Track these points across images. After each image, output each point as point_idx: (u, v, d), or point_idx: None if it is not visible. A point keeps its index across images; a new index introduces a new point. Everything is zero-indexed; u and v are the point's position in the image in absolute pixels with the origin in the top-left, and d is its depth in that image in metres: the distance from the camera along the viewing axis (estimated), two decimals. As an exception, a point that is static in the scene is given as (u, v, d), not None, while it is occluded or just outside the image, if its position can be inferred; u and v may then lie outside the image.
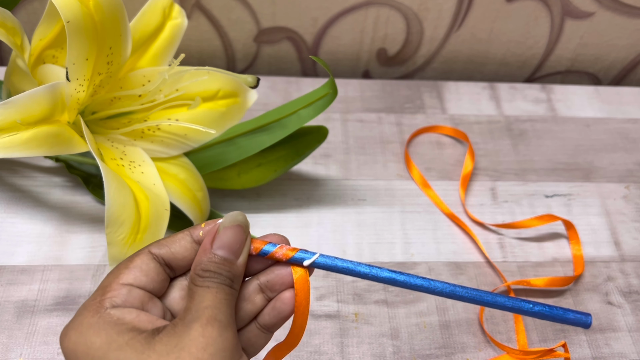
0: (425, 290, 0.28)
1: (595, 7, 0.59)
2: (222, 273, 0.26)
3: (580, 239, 0.48)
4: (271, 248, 0.28)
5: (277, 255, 0.28)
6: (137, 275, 0.27)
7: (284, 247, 0.28)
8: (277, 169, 0.45)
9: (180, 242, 0.28)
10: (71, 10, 0.34)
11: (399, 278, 0.28)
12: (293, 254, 0.28)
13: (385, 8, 0.58)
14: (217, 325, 0.25)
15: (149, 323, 0.26)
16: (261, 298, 0.29)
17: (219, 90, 0.44)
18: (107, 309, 0.26)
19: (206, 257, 0.27)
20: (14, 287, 0.42)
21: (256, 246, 0.28)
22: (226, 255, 0.27)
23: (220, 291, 0.26)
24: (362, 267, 0.28)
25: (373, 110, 0.57)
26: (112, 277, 0.27)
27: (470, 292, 0.28)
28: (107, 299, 0.26)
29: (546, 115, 0.58)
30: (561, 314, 0.28)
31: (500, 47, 0.63)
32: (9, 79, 0.41)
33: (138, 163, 0.42)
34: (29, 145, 0.34)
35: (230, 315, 0.26)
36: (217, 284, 0.26)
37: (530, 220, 0.48)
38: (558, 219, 0.47)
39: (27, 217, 0.46)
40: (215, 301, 0.26)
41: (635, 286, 0.46)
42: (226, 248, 0.27)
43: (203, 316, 0.25)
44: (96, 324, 0.25)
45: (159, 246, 0.28)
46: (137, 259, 0.27)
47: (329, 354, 0.40)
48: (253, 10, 0.58)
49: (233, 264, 0.27)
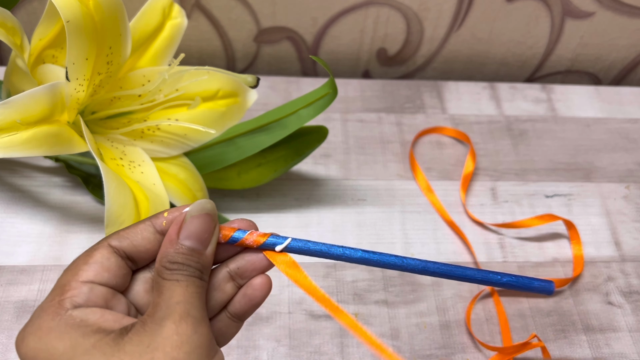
0: (398, 268, 0.28)
1: (595, 7, 0.59)
2: (190, 264, 0.25)
3: (581, 239, 0.47)
4: (241, 235, 0.27)
5: (247, 242, 0.27)
6: (97, 272, 0.25)
7: (254, 234, 0.27)
8: (277, 169, 0.45)
9: (142, 233, 0.26)
10: (71, 10, 0.34)
11: (372, 257, 0.28)
12: (264, 239, 0.27)
13: (386, 8, 0.58)
14: (191, 321, 0.24)
15: (115, 322, 0.24)
16: (231, 286, 0.27)
17: (218, 90, 0.44)
18: (68, 310, 0.24)
19: (173, 248, 0.25)
20: (14, 287, 0.42)
21: (225, 233, 0.27)
22: (194, 245, 0.25)
23: (190, 284, 0.25)
24: (335, 248, 0.28)
25: (373, 110, 0.57)
26: (71, 275, 0.25)
27: (441, 267, 0.29)
28: (66, 298, 0.24)
29: (546, 115, 0.58)
30: (527, 283, 0.30)
31: (501, 47, 0.63)
32: (8, 78, 0.41)
33: (138, 163, 0.42)
34: (28, 145, 0.34)
35: (203, 309, 0.25)
36: (187, 277, 0.25)
37: (530, 219, 0.48)
38: (558, 218, 0.47)
39: (27, 217, 0.46)
40: (186, 295, 0.24)
41: (636, 286, 0.46)
42: (194, 238, 0.25)
43: (175, 312, 0.24)
44: (57, 327, 0.23)
45: (119, 238, 0.26)
46: (96, 254, 0.25)
47: (329, 354, 0.40)
48: (253, 10, 0.58)
49: (202, 254, 0.25)
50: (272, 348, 0.40)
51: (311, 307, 0.43)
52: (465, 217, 0.49)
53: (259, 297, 0.27)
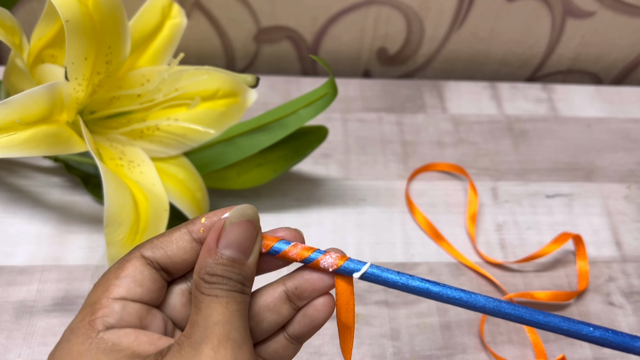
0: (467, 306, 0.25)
1: (596, 7, 0.59)
2: (231, 277, 0.23)
3: (587, 255, 0.46)
4: (283, 246, 0.24)
5: (290, 254, 0.24)
6: (130, 287, 0.23)
7: (298, 246, 0.25)
8: (277, 169, 0.45)
9: (178, 242, 0.24)
10: (70, 10, 0.34)
11: (464, 297, 0.25)
12: (308, 254, 0.24)
13: (386, 7, 0.58)
14: (231, 346, 0.21)
15: (151, 345, 0.22)
16: (288, 308, 0.25)
17: (218, 89, 0.44)
18: (99, 333, 0.22)
19: (212, 258, 0.23)
20: (13, 288, 0.42)
21: (266, 243, 0.25)
22: (235, 255, 0.23)
23: (231, 301, 0.22)
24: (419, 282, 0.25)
25: (373, 110, 0.57)
26: (101, 291, 0.23)
27: (518, 310, 0.24)
28: (98, 319, 0.22)
29: (547, 115, 0.58)
30: (628, 342, 0.24)
31: (501, 46, 0.62)
32: (7, 78, 0.41)
33: (137, 163, 0.42)
34: (27, 145, 0.34)
35: (245, 329, 0.22)
36: (227, 292, 0.22)
37: (548, 247, 0.45)
38: (571, 236, 0.45)
39: (26, 217, 0.46)
40: (226, 314, 0.22)
41: (637, 287, 0.46)
42: (235, 247, 0.23)
43: (213, 335, 0.21)
44: (87, 351, 0.21)
45: (152, 248, 0.24)
46: (128, 267, 0.23)
47: (329, 355, 0.40)
48: (253, 9, 0.58)
49: (243, 264, 0.23)
50: (272, 349, 0.40)
51: (311, 308, 0.43)
52: (477, 258, 0.47)
53: (321, 318, 0.25)
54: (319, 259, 0.24)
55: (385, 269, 0.25)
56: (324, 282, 0.25)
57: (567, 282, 0.45)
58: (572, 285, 0.45)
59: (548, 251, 0.45)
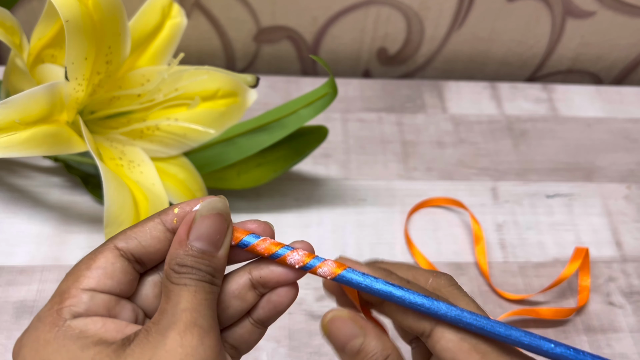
0: (427, 312, 0.24)
1: (596, 7, 0.59)
2: (200, 268, 0.23)
3: (590, 270, 0.45)
4: (252, 240, 0.25)
5: (258, 248, 0.25)
6: (100, 279, 0.23)
7: (267, 241, 0.25)
8: (277, 169, 0.45)
9: (152, 232, 0.24)
10: (70, 10, 0.34)
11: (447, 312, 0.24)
12: (276, 249, 0.25)
13: (386, 7, 0.58)
14: (197, 332, 0.22)
15: (118, 332, 0.23)
16: (252, 294, 0.26)
17: (218, 89, 0.44)
18: (66, 321, 0.22)
19: (182, 249, 0.23)
20: (13, 288, 0.42)
21: (236, 235, 0.25)
22: (205, 247, 0.23)
23: (199, 290, 0.23)
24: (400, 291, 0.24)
25: (373, 110, 0.57)
26: (71, 281, 0.23)
27: (479, 321, 0.24)
28: (65, 307, 0.22)
29: (547, 115, 0.58)
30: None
31: (501, 46, 0.62)
32: (7, 78, 0.41)
33: (137, 163, 0.42)
34: (27, 145, 0.34)
35: (212, 318, 0.23)
36: (196, 281, 0.23)
37: (568, 267, 0.44)
38: (584, 250, 0.45)
39: (26, 217, 0.46)
40: (194, 302, 0.22)
41: (637, 287, 0.46)
42: (204, 239, 0.23)
43: (180, 321, 0.22)
44: (54, 339, 0.22)
45: (126, 239, 0.24)
46: (100, 258, 0.24)
47: (329, 355, 0.40)
48: (253, 9, 0.58)
49: (213, 256, 0.23)
50: (272, 349, 0.40)
51: (311, 308, 0.43)
52: (493, 295, 0.47)
53: (284, 303, 0.26)
54: (286, 255, 0.25)
55: (351, 270, 0.25)
56: (288, 276, 0.25)
57: (567, 282, 0.45)
58: (572, 285, 0.45)
59: (570, 272, 0.44)
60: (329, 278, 0.25)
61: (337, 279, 0.25)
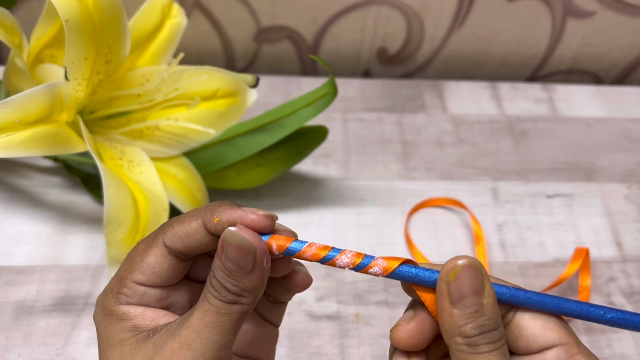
0: None
1: (596, 6, 0.59)
2: (226, 286, 0.23)
3: (590, 270, 0.45)
4: (298, 246, 0.24)
5: (305, 255, 0.24)
6: (149, 277, 0.25)
7: (314, 246, 0.24)
8: (277, 169, 0.45)
9: (195, 235, 0.24)
10: (70, 10, 0.34)
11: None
12: (325, 253, 0.24)
13: (386, 7, 0.58)
14: (186, 356, 0.22)
15: (152, 320, 0.24)
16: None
17: (218, 89, 0.44)
18: (121, 304, 0.24)
19: (218, 260, 0.23)
20: (13, 288, 0.42)
21: (280, 244, 0.24)
22: (235, 268, 0.23)
23: (212, 310, 0.23)
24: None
25: (373, 110, 0.57)
26: (128, 271, 0.25)
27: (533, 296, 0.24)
28: (122, 295, 0.25)
29: (547, 115, 0.58)
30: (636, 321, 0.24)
31: (502, 46, 0.62)
32: (7, 78, 0.41)
33: (137, 163, 0.41)
34: (27, 145, 0.34)
35: (213, 342, 0.23)
36: (215, 299, 0.23)
37: (569, 267, 0.44)
38: (585, 250, 0.45)
39: (26, 217, 0.46)
40: (200, 322, 0.23)
41: (637, 287, 0.46)
42: (233, 262, 0.23)
43: (181, 337, 0.23)
44: (110, 313, 0.24)
45: (173, 237, 0.25)
46: (150, 255, 0.25)
47: (329, 355, 0.40)
48: (253, 9, 0.57)
49: (243, 278, 0.23)
50: (272, 349, 0.40)
51: (311, 308, 0.42)
52: None
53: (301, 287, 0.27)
54: (335, 259, 0.24)
55: (406, 265, 0.25)
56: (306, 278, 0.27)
57: (567, 282, 0.45)
58: (572, 285, 0.45)
59: (570, 272, 0.44)
60: (383, 276, 0.24)
61: (392, 276, 0.24)
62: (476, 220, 0.48)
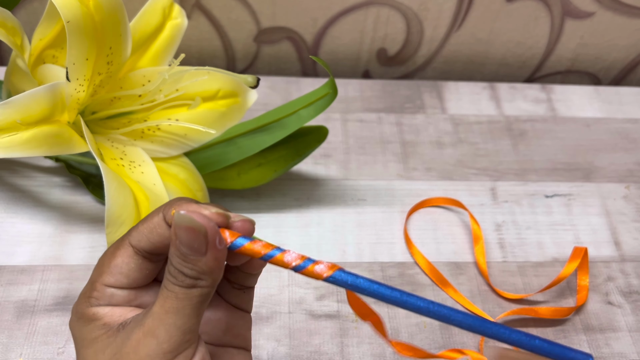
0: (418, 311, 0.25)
1: (595, 7, 0.59)
2: (183, 271, 0.23)
3: (589, 270, 0.45)
4: (243, 242, 0.24)
5: (249, 251, 0.24)
6: (117, 278, 0.25)
7: (258, 243, 0.24)
8: (277, 169, 0.45)
9: (157, 229, 0.25)
10: (71, 10, 0.34)
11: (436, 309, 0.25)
12: (267, 251, 0.24)
13: (385, 8, 0.58)
14: (151, 343, 0.23)
15: (120, 316, 0.25)
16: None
17: (219, 90, 0.44)
18: (92, 306, 0.25)
19: (173, 248, 0.24)
20: (14, 287, 0.42)
21: (226, 237, 0.24)
22: (189, 252, 0.23)
23: (171, 296, 0.23)
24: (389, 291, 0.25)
25: (373, 110, 0.57)
26: (97, 274, 0.26)
27: (467, 319, 0.25)
28: (93, 298, 0.25)
29: (546, 115, 0.58)
30: (560, 352, 0.25)
31: (500, 47, 0.63)
32: (9, 79, 0.41)
33: (138, 163, 0.42)
34: (28, 145, 0.34)
35: (177, 327, 0.23)
36: (174, 285, 0.23)
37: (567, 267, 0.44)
38: (583, 249, 0.45)
39: (27, 217, 0.46)
40: (162, 308, 0.23)
41: (636, 286, 0.46)
42: (186, 246, 0.23)
43: (144, 326, 0.23)
44: (82, 316, 0.25)
45: (138, 235, 0.25)
46: (117, 257, 0.25)
47: (329, 354, 0.40)
48: (253, 10, 0.58)
49: (198, 260, 0.23)
50: (272, 348, 0.40)
51: (311, 307, 0.43)
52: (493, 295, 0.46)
53: (257, 269, 0.27)
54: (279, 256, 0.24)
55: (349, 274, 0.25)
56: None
57: (567, 282, 0.46)
58: (570, 285, 0.46)
59: (569, 272, 0.44)
60: (322, 278, 0.24)
61: (329, 280, 0.25)
62: (475, 220, 0.48)
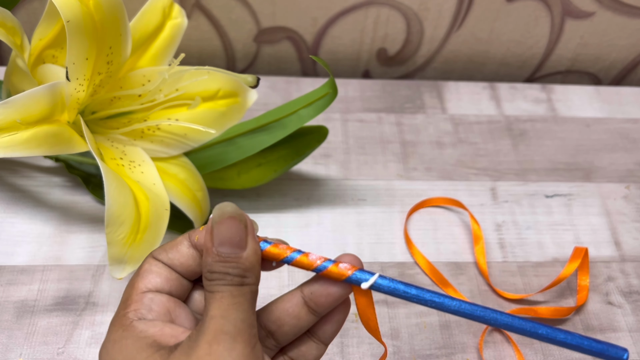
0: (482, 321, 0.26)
1: (595, 7, 0.59)
2: (228, 272, 0.24)
3: (589, 270, 0.45)
4: (296, 255, 0.26)
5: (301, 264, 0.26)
6: (155, 281, 0.25)
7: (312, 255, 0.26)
8: (277, 169, 0.45)
9: (178, 247, 0.26)
10: (71, 10, 0.34)
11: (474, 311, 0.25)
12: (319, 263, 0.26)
13: (386, 8, 0.58)
14: (223, 339, 0.23)
15: (172, 337, 0.24)
16: (306, 312, 0.27)
17: (218, 90, 0.44)
18: (132, 322, 0.24)
19: (210, 257, 0.24)
20: (14, 287, 0.42)
21: (278, 252, 0.26)
22: (229, 250, 0.24)
23: (226, 295, 0.23)
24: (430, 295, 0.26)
25: (373, 110, 0.57)
26: (129, 290, 0.26)
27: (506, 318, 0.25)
28: (130, 311, 0.25)
29: (546, 115, 0.58)
30: (598, 348, 0.25)
31: (501, 47, 0.63)
32: (8, 78, 0.41)
33: (138, 163, 0.42)
34: (28, 145, 0.34)
35: (242, 321, 0.23)
36: (224, 286, 0.24)
37: (568, 267, 0.44)
38: (583, 250, 0.45)
39: (27, 217, 0.46)
40: (221, 309, 0.23)
41: (636, 286, 0.46)
42: (227, 243, 0.24)
43: (209, 330, 0.23)
44: (120, 339, 0.24)
45: (159, 252, 0.26)
46: (145, 265, 0.26)
47: (329, 354, 0.40)
48: (253, 10, 0.58)
49: (240, 258, 0.24)
50: (272, 348, 0.40)
51: (311, 307, 0.43)
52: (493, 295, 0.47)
53: (338, 320, 0.28)
54: (329, 268, 0.26)
55: (392, 280, 0.26)
56: (337, 287, 0.26)
57: (566, 282, 0.46)
58: (570, 285, 0.46)
59: (569, 272, 0.44)
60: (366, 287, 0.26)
61: (376, 289, 0.26)
62: (475, 220, 0.48)
